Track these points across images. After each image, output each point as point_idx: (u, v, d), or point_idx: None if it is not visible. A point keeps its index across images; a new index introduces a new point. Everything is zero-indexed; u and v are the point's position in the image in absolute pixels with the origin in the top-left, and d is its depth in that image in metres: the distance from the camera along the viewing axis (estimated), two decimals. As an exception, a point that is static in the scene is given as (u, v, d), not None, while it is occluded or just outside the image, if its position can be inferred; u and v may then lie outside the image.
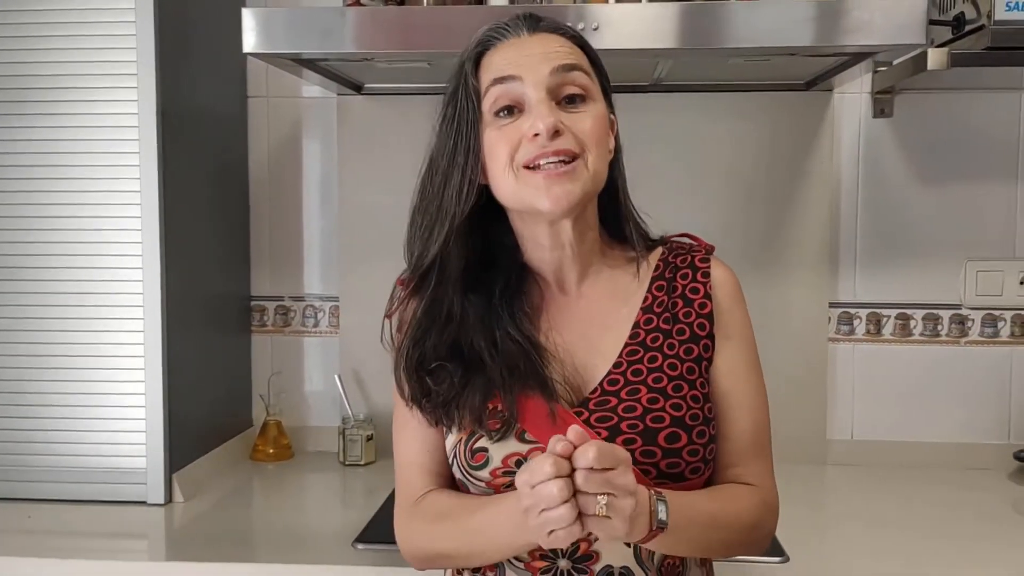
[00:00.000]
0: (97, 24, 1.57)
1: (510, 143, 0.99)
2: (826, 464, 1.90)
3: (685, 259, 1.09)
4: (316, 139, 1.98)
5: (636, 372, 1.03)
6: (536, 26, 1.04)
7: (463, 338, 1.04)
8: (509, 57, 1.01)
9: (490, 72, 1.01)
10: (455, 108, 1.03)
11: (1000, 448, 1.87)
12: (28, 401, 1.62)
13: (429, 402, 1.04)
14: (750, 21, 1.41)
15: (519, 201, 1.01)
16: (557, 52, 1.01)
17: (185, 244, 1.68)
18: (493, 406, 1.00)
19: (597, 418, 1.00)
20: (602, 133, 1.01)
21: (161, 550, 1.51)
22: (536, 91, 0.99)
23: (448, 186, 1.02)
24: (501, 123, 1.00)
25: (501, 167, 1.00)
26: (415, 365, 1.04)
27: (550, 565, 1.00)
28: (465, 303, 1.05)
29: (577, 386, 1.03)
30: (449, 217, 1.02)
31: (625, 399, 1.01)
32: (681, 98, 1.85)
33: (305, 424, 2.00)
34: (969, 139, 1.87)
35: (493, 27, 1.05)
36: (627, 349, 1.04)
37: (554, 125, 0.97)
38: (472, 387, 1.01)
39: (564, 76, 1.00)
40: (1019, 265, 1.87)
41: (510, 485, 0.97)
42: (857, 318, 1.91)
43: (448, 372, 1.03)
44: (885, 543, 1.49)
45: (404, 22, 1.45)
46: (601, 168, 1.01)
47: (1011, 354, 1.89)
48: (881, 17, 1.38)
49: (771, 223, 1.88)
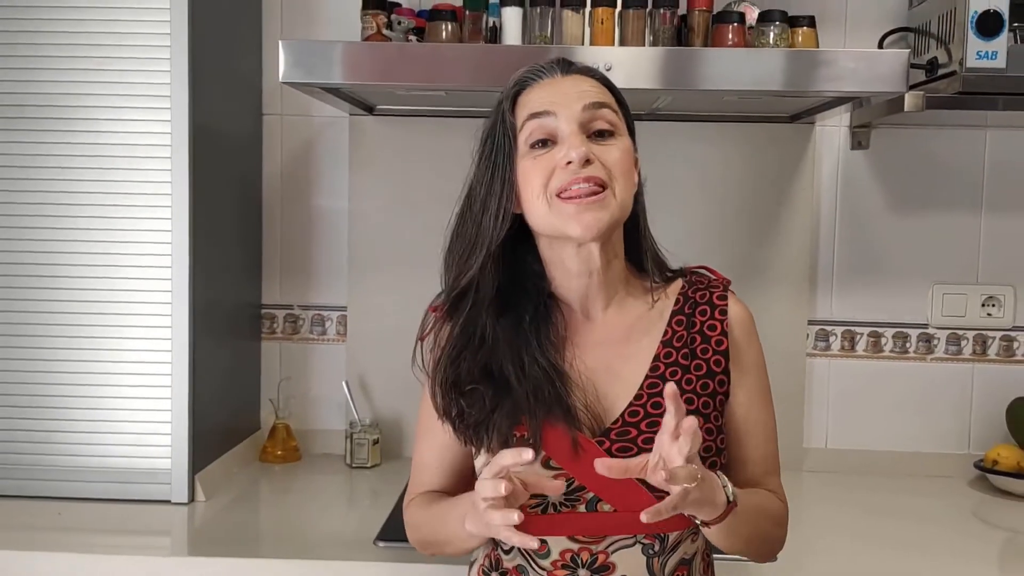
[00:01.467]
0: (131, 47, 1.65)
1: (544, 172, 1.07)
2: (802, 471, 2.02)
3: (704, 295, 1.16)
4: (327, 156, 2.06)
5: (655, 405, 1.08)
6: (569, 69, 1.13)
7: (494, 362, 1.10)
8: (544, 95, 1.10)
9: (527, 108, 1.10)
10: (493, 142, 1.11)
11: (961, 457, 2.01)
12: (60, 404, 1.70)
13: (462, 422, 1.11)
14: (745, 67, 1.55)
15: (551, 227, 1.08)
16: (588, 92, 1.10)
17: (208, 255, 1.76)
18: (520, 433, 1.06)
19: (618, 448, 1.07)
20: (628, 165, 1.09)
21: (184, 546, 1.59)
22: (569, 124, 1.07)
23: (486, 214, 1.09)
24: (536, 154, 1.08)
25: (536, 194, 1.07)
26: (451, 384, 1.11)
27: (570, 574, 1.09)
28: (496, 327, 1.11)
29: (598, 414, 1.09)
30: (486, 243, 1.09)
31: (645, 431, 1.07)
32: (675, 127, 1.97)
33: (312, 428, 2.09)
34: (938, 172, 2.01)
35: (530, 69, 1.13)
36: (648, 382, 1.10)
37: (585, 154, 1.05)
38: (501, 412, 1.07)
39: (594, 112, 1.08)
40: (981, 289, 2.02)
41: (535, 507, 1.06)
42: (833, 335, 2.05)
43: (480, 395, 1.09)
44: (857, 544, 1.61)
45: (429, 57, 1.56)
46: (627, 198, 1.09)
47: (972, 370, 2.04)
48: (866, 67, 1.52)
49: (755, 244, 2.01)
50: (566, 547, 1.09)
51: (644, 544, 1.09)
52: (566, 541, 1.09)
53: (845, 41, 1.97)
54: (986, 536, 1.72)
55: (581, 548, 1.09)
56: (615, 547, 1.09)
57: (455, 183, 1.15)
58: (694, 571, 1.13)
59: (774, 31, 1.68)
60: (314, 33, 2.01)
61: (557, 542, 1.09)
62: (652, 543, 1.09)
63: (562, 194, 1.06)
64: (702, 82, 1.57)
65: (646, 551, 1.09)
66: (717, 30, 1.69)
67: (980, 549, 1.63)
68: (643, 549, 1.09)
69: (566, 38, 1.69)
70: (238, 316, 2.00)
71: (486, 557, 1.18)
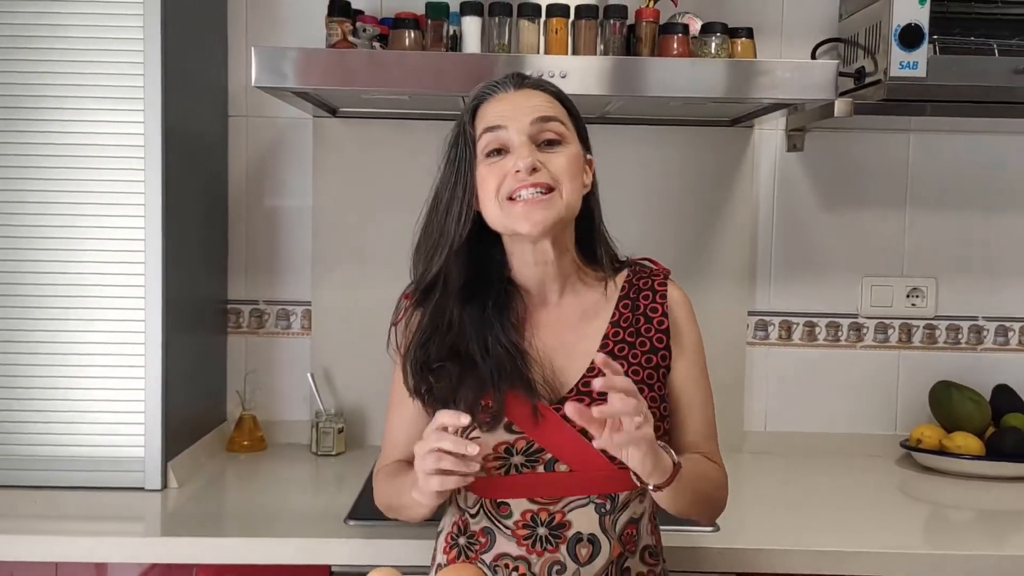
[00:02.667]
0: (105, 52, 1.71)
1: (497, 178, 1.20)
2: (743, 452, 2.16)
3: (647, 282, 1.31)
4: (291, 157, 2.14)
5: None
6: (521, 83, 1.26)
7: (460, 343, 1.23)
8: (498, 109, 1.23)
9: (483, 122, 1.23)
10: (456, 150, 1.24)
11: (889, 437, 2.15)
12: (38, 396, 1.75)
13: (431, 397, 1.24)
14: (689, 76, 1.67)
15: (504, 226, 1.22)
16: (538, 106, 1.23)
17: (178, 252, 1.82)
18: (485, 403, 1.20)
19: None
20: (575, 170, 1.22)
21: (158, 528, 1.65)
22: (519, 136, 1.20)
23: (449, 215, 1.23)
24: (491, 161, 1.22)
25: (490, 197, 1.21)
26: (420, 364, 1.24)
27: (531, 532, 1.21)
28: (463, 313, 1.24)
29: (555, 386, 1.23)
30: (449, 240, 1.22)
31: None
32: (625, 130, 2.09)
33: (277, 419, 2.16)
34: (867, 173, 2.15)
35: (487, 84, 1.26)
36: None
37: (531, 164, 1.18)
38: (467, 385, 1.21)
39: (542, 125, 1.21)
40: (906, 281, 2.17)
41: (500, 468, 1.19)
42: (771, 325, 2.19)
43: (447, 372, 1.23)
44: (795, 516, 1.74)
45: (395, 63, 1.66)
46: (574, 199, 1.22)
47: (899, 357, 2.19)
48: (799, 77, 1.65)
49: (699, 241, 2.14)
50: (526, 508, 1.21)
51: (596, 503, 1.21)
52: (526, 503, 1.21)
53: (781, 51, 2.10)
54: (911, 509, 1.86)
55: (540, 509, 1.21)
56: (571, 507, 1.21)
57: (414, 182, 1.26)
58: (642, 530, 1.25)
59: (715, 42, 1.80)
60: (277, 39, 2.08)
61: (518, 504, 1.21)
62: (604, 502, 1.21)
63: (512, 197, 1.19)
64: (649, 89, 1.69)
65: (598, 509, 1.21)
66: (663, 40, 1.81)
67: (905, 520, 1.77)
68: (596, 508, 1.21)
69: (523, 47, 1.79)
70: (205, 311, 2.06)
71: (453, 524, 1.29)
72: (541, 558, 1.20)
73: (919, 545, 1.63)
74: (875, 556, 1.55)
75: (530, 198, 1.18)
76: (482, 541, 1.24)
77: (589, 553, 1.20)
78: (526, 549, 1.21)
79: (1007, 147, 2.15)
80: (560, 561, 1.20)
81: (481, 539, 1.24)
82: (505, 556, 1.22)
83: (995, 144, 2.15)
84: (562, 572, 1.20)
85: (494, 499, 1.22)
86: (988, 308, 2.18)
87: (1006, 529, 1.77)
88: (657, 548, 1.29)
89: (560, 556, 1.20)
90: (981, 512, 1.85)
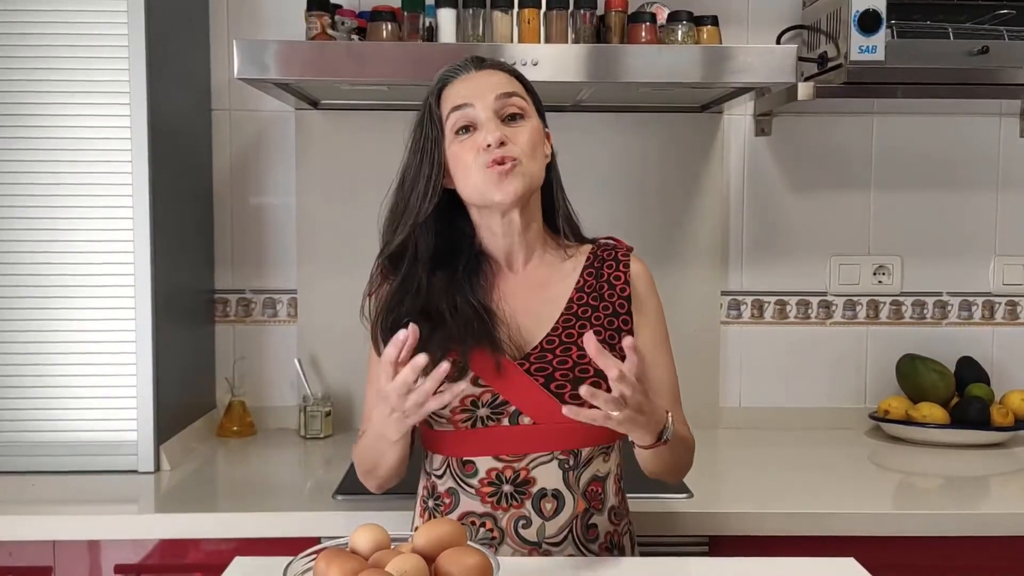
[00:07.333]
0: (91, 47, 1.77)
1: (471, 152, 1.27)
2: (718, 428, 2.23)
3: (611, 254, 1.38)
4: (274, 149, 2.19)
5: (568, 335, 1.29)
6: (481, 65, 1.34)
7: (429, 304, 1.29)
8: (463, 89, 1.30)
9: (450, 102, 1.30)
10: (422, 130, 1.31)
11: (858, 411, 2.23)
12: (33, 383, 1.80)
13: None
14: (657, 62, 1.74)
15: (480, 196, 1.28)
16: (499, 83, 1.31)
17: (167, 243, 1.88)
18: (452, 358, 1.23)
19: (535, 368, 1.26)
20: (537, 142, 1.30)
21: (152, 506, 1.70)
22: (485, 112, 1.28)
23: (414, 192, 1.30)
24: (461, 138, 1.29)
25: (464, 171, 1.28)
26: (389, 326, 1.28)
27: (496, 490, 1.26)
28: (432, 278, 1.31)
29: (520, 345, 1.29)
30: (414, 214, 1.29)
31: (559, 355, 1.27)
32: (597, 117, 2.15)
33: (266, 404, 2.22)
34: (833, 155, 2.23)
35: (450, 67, 1.34)
36: (562, 318, 1.31)
37: (500, 137, 1.26)
38: (434, 341, 1.24)
39: (506, 100, 1.29)
40: (872, 259, 2.24)
41: (466, 421, 1.26)
42: (744, 304, 2.26)
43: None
44: (767, 485, 1.81)
45: (373, 54, 1.72)
46: (538, 169, 1.30)
47: (866, 333, 2.27)
48: (760, 61, 1.72)
49: (672, 224, 2.21)
50: (491, 466, 1.27)
51: (560, 459, 1.27)
52: (491, 461, 1.27)
53: (748, 38, 2.17)
54: (880, 477, 1.94)
55: (505, 466, 1.27)
56: (535, 463, 1.27)
57: (394, 171, 1.32)
58: (607, 489, 1.31)
59: (682, 29, 1.87)
60: (257, 32, 2.14)
61: (483, 462, 1.27)
62: (567, 458, 1.27)
63: (487, 168, 1.26)
64: (620, 75, 1.76)
65: (562, 465, 1.27)
66: (632, 29, 1.88)
67: (874, 488, 1.84)
68: (559, 464, 1.27)
69: (496, 37, 1.86)
70: (193, 300, 2.11)
71: (423, 488, 1.35)
72: (507, 513, 1.26)
73: (887, 507, 1.70)
74: (848, 517, 1.62)
75: (500, 169, 1.25)
76: (447, 502, 1.30)
77: (554, 508, 1.27)
78: (491, 506, 1.27)
79: (967, 128, 2.23)
80: (525, 516, 1.26)
81: (446, 500, 1.30)
82: (471, 514, 1.28)
83: (955, 125, 2.23)
84: (527, 526, 1.26)
85: (460, 457, 1.28)
86: (952, 284, 2.26)
87: (969, 493, 1.85)
88: (622, 510, 1.35)
89: (525, 511, 1.26)
90: (947, 478, 1.92)
